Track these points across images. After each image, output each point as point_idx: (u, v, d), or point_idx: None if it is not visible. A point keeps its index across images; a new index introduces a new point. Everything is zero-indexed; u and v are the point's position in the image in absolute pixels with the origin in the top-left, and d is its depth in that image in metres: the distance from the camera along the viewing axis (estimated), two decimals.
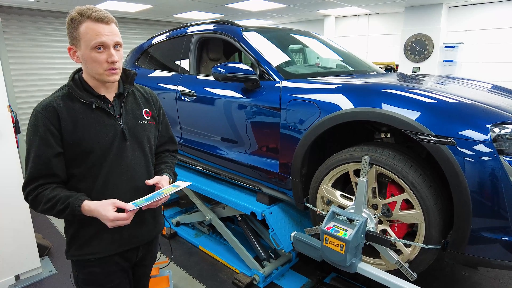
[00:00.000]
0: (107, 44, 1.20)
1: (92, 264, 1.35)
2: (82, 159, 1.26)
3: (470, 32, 6.06)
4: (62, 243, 3.34)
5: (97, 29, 1.18)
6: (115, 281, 1.41)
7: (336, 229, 1.65)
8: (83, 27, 1.18)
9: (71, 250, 1.35)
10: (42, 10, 5.67)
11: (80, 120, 1.24)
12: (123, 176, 1.33)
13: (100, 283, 1.38)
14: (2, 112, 2.49)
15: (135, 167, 1.37)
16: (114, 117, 1.32)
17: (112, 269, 1.39)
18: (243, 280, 2.56)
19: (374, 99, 1.79)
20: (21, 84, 5.55)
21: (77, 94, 1.26)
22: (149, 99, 1.49)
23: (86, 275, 1.37)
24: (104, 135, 1.28)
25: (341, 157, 1.88)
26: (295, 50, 3.29)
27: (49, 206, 1.19)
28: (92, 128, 1.26)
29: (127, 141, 1.34)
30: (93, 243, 1.33)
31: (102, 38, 1.18)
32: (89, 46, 1.19)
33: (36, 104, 1.27)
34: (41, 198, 1.20)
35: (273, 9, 6.51)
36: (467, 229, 1.53)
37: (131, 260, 1.46)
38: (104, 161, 1.29)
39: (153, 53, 3.59)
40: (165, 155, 1.59)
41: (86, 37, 1.18)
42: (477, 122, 1.54)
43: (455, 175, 1.51)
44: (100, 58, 1.20)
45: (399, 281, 1.64)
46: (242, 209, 2.52)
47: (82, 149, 1.25)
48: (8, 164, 2.53)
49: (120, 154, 1.32)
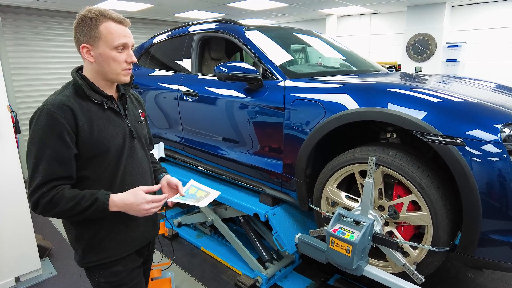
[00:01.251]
0: (128, 45, 1.25)
1: (115, 264, 1.35)
2: (99, 160, 1.25)
3: (473, 32, 6.02)
4: (62, 245, 3.31)
5: (120, 30, 1.22)
6: (137, 278, 1.43)
7: (343, 231, 1.62)
8: (104, 26, 1.20)
9: (88, 256, 1.32)
10: (42, 9, 5.64)
11: (95, 120, 1.23)
12: (137, 174, 1.37)
13: (123, 282, 1.38)
14: (2, 112, 2.46)
15: (143, 164, 1.42)
16: (122, 117, 1.34)
17: (133, 266, 1.41)
18: (246, 282, 2.53)
19: (380, 99, 1.76)
20: (21, 83, 5.51)
21: (90, 93, 1.25)
22: (140, 101, 1.55)
23: (109, 277, 1.35)
24: (116, 135, 1.29)
25: (346, 157, 1.85)
26: (296, 50, 3.26)
27: (72, 205, 1.14)
28: (106, 128, 1.26)
29: (135, 140, 1.37)
30: (112, 245, 1.33)
31: (126, 39, 1.24)
32: (111, 46, 1.21)
33: (36, 103, 1.25)
34: (59, 199, 1.14)
35: (275, 8, 6.48)
36: (476, 231, 1.50)
37: (143, 256, 1.51)
38: (119, 161, 1.30)
39: (154, 52, 3.56)
40: (150, 154, 1.63)
41: (109, 37, 1.20)
42: (486, 122, 1.51)
43: (464, 176, 1.48)
44: (120, 57, 1.24)
45: (407, 284, 1.60)
46: (245, 210, 2.49)
47: (100, 149, 1.24)
48: (8, 165, 2.50)
49: (132, 153, 1.35)
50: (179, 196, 1.39)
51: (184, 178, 3.02)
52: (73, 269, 2.82)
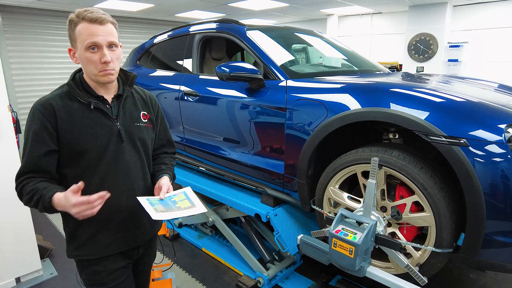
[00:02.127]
0: (100, 44, 1.20)
1: (94, 263, 1.35)
2: (77, 159, 1.26)
3: (475, 31, 6.01)
4: (63, 245, 3.28)
5: (90, 30, 1.19)
6: (120, 279, 1.41)
7: (345, 232, 1.60)
8: (78, 28, 1.20)
9: (69, 249, 1.36)
10: (42, 9, 5.65)
11: (77, 120, 1.25)
12: (120, 177, 1.33)
13: (103, 282, 1.37)
14: (2, 112, 2.46)
15: (132, 168, 1.37)
16: (111, 118, 1.31)
17: (114, 267, 1.38)
18: (247, 282, 2.52)
19: (382, 99, 1.75)
20: (21, 83, 5.52)
21: (76, 93, 1.27)
22: (147, 102, 1.49)
23: (89, 275, 1.37)
24: (100, 136, 1.28)
25: (349, 158, 1.84)
26: (297, 49, 3.25)
27: (28, 198, 1.20)
28: (88, 128, 1.26)
29: (123, 142, 1.34)
30: (89, 245, 1.33)
31: (94, 38, 1.19)
32: (83, 47, 1.20)
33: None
34: (24, 190, 1.22)
35: (276, 8, 6.47)
36: (480, 233, 1.49)
37: (132, 258, 1.47)
38: (99, 162, 1.28)
39: (155, 52, 3.55)
40: (164, 156, 1.59)
41: (81, 38, 1.20)
42: (490, 123, 1.50)
43: (468, 177, 1.47)
44: (93, 58, 1.21)
45: (409, 285, 1.59)
46: (246, 210, 2.47)
47: (78, 149, 1.25)
48: (8, 165, 2.50)
49: (117, 155, 1.32)
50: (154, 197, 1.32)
51: (184, 179, 3.02)
52: (73, 269, 2.80)
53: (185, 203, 1.34)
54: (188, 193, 1.41)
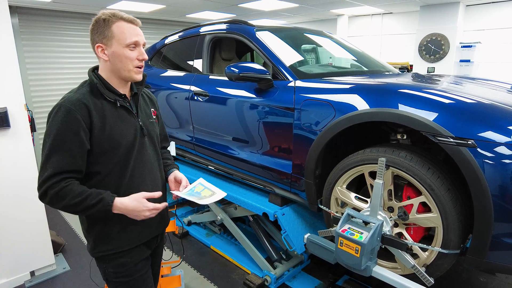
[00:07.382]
0: (139, 43, 1.31)
1: (121, 255, 1.40)
2: (109, 156, 1.31)
3: (488, 31, 5.90)
4: (75, 241, 3.38)
5: (131, 29, 1.29)
6: (143, 270, 1.48)
7: (352, 231, 1.62)
8: (116, 26, 1.27)
9: (98, 247, 1.39)
10: (58, 10, 5.76)
11: (107, 117, 1.30)
12: (146, 169, 1.43)
13: (129, 273, 1.43)
14: (19, 111, 2.53)
15: (152, 160, 1.47)
16: (133, 115, 1.40)
17: (139, 258, 1.46)
18: (254, 281, 2.55)
19: (390, 100, 1.75)
20: (37, 83, 5.65)
21: (104, 91, 1.31)
22: (152, 100, 1.60)
23: (116, 268, 1.42)
24: (128, 131, 1.35)
25: (356, 158, 1.85)
26: (307, 50, 3.26)
27: (78, 200, 1.20)
28: (117, 125, 1.32)
29: (145, 137, 1.43)
30: (120, 237, 1.39)
31: (136, 37, 1.30)
32: (124, 44, 1.27)
33: (51, 102, 1.31)
34: (66, 192, 1.19)
35: (286, 9, 6.47)
36: (488, 235, 1.48)
37: (151, 247, 1.55)
38: (130, 157, 1.36)
39: (166, 53, 3.61)
40: (164, 151, 1.70)
41: (122, 36, 1.27)
42: (499, 124, 1.49)
43: (476, 179, 1.46)
44: (132, 55, 1.30)
45: (416, 286, 1.59)
46: (254, 209, 2.50)
47: (111, 145, 1.30)
48: (24, 162, 2.57)
49: (142, 149, 1.41)
50: (183, 191, 1.46)
51: (194, 177, 3.05)
52: (85, 265, 2.88)
53: (206, 192, 1.48)
54: (204, 184, 1.54)
